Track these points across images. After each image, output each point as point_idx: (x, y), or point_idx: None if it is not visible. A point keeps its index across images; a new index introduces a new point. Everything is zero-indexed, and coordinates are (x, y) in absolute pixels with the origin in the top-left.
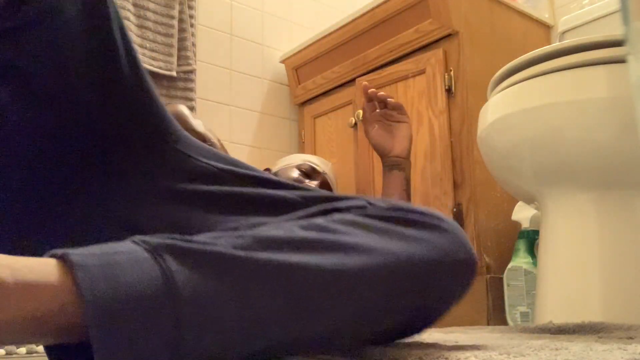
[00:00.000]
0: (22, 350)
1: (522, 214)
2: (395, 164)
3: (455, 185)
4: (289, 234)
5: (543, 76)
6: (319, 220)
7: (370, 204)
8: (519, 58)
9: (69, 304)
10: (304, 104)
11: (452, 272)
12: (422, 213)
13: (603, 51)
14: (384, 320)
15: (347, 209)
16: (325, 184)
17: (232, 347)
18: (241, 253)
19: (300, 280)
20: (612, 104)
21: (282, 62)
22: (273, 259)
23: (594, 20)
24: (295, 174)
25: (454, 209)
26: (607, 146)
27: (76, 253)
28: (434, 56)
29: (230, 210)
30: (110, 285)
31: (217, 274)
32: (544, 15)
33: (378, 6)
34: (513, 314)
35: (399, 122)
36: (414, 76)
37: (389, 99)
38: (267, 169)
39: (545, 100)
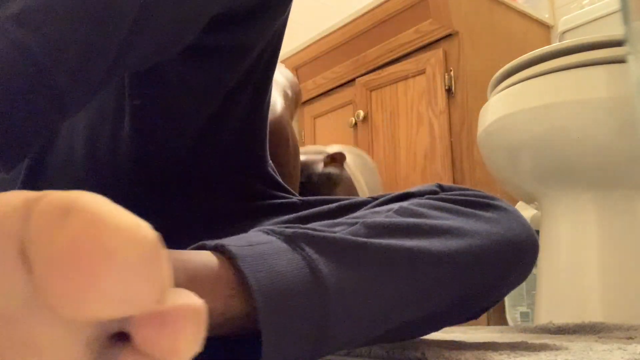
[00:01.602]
0: None
1: (522, 214)
2: None
3: None
4: (391, 219)
5: (543, 76)
6: (407, 205)
7: (441, 188)
8: (519, 58)
9: (233, 296)
10: (304, 104)
11: (522, 251)
12: (487, 196)
13: (603, 51)
14: (478, 299)
15: (421, 195)
16: None
17: (360, 334)
18: (362, 240)
19: (416, 264)
20: (612, 104)
21: (282, 62)
22: (392, 245)
23: (594, 20)
24: None
25: None
26: (607, 146)
27: (231, 244)
28: (434, 56)
29: None
30: (268, 275)
31: (350, 261)
32: (544, 15)
33: (378, 6)
34: (513, 314)
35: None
36: (414, 76)
37: None
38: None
39: (545, 101)
